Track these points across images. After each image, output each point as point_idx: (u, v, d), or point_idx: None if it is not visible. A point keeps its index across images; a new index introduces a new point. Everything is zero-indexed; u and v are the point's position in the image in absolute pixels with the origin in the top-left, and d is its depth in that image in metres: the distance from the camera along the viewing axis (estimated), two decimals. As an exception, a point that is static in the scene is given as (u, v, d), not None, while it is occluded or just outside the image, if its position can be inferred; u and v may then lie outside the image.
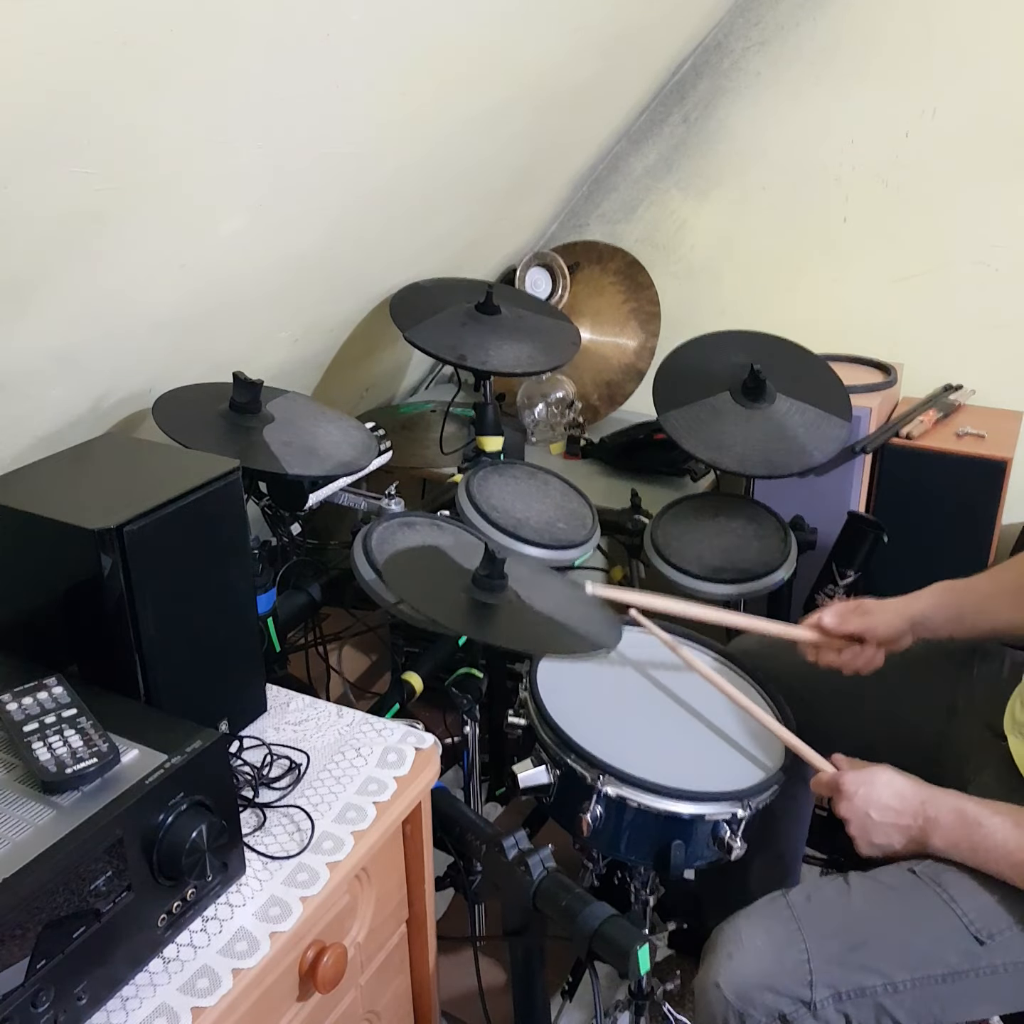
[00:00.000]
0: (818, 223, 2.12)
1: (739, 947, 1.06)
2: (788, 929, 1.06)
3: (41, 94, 0.86)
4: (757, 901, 1.12)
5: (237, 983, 0.81)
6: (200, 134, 1.07)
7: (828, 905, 1.09)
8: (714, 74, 2.11)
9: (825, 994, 1.03)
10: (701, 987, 1.07)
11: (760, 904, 1.11)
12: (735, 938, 1.07)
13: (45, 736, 0.83)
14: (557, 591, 1.30)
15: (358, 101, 1.25)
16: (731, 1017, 1.04)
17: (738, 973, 1.05)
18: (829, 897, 1.10)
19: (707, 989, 1.06)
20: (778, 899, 1.10)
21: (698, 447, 1.58)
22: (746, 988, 1.04)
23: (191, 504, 0.97)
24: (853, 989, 1.03)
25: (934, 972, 1.03)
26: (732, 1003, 1.04)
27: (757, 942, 1.06)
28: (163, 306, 1.28)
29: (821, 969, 1.03)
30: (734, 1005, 1.04)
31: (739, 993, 1.04)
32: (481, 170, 1.74)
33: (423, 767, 1.06)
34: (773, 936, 1.06)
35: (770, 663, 1.38)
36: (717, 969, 1.06)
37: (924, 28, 1.91)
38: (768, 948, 1.05)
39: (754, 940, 1.06)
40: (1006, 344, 2.02)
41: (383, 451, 1.54)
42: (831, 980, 1.03)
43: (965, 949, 1.03)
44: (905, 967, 1.03)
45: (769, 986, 1.03)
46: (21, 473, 1.02)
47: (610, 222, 2.32)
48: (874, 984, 1.03)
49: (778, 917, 1.08)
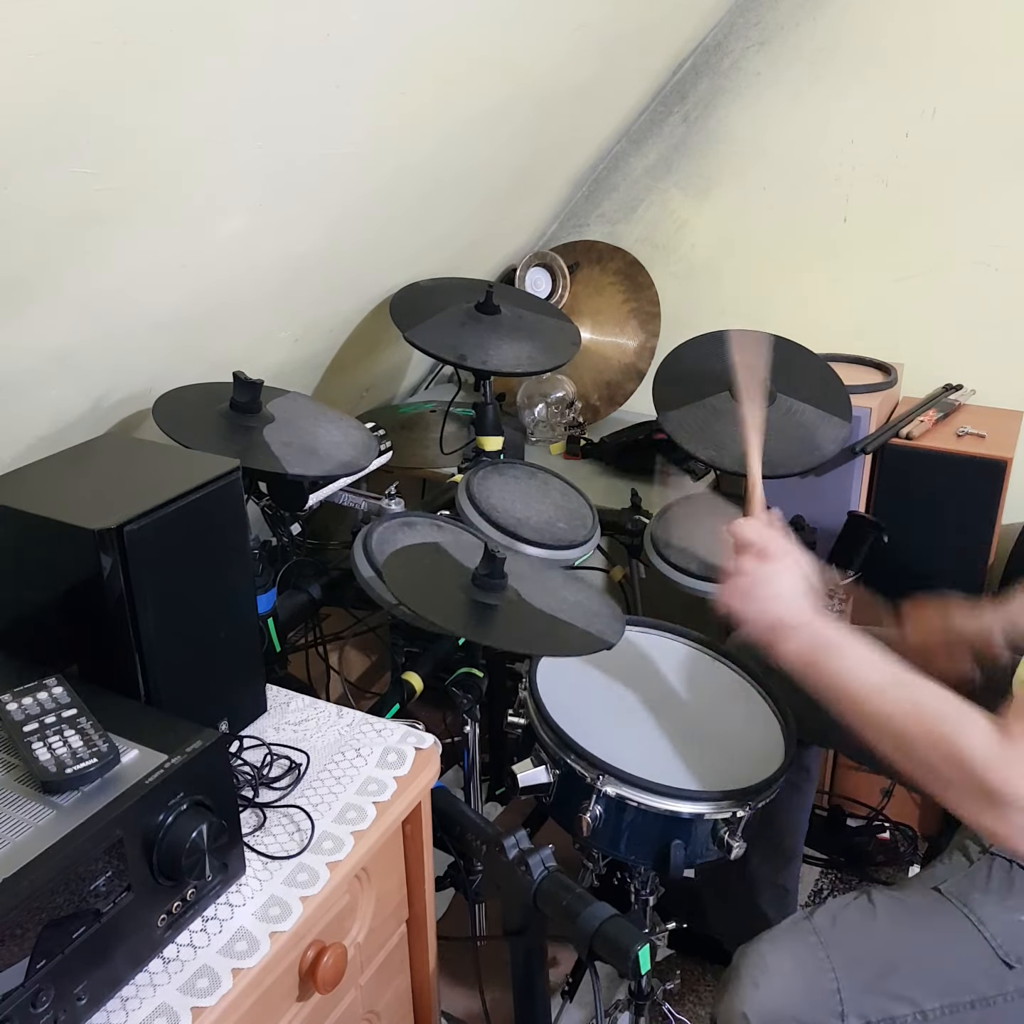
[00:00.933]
0: (818, 223, 2.12)
1: (765, 974, 1.04)
2: (816, 956, 1.04)
3: (41, 94, 0.86)
4: (780, 924, 1.10)
5: (237, 983, 0.81)
6: (200, 134, 1.07)
7: (855, 929, 1.07)
8: (714, 74, 2.11)
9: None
10: (726, 1016, 1.05)
11: (784, 927, 1.09)
12: (760, 964, 1.05)
13: (45, 736, 0.83)
14: (558, 587, 1.30)
15: (358, 101, 1.25)
16: None
17: (766, 1003, 1.02)
18: (855, 920, 1.08)
19: (734, 1018, 1.04)
20: (802, 923, 1.08)
21: (698, 446, 1.58)
22: (775, 1018, 1.02)
23: (191, 504, 0.97)
24: (884, 1018, 1.01)
25: (964, 999, 1.02)
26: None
27: (784, 969, 1.04)
28: (163, 306, 1.28)
29: (852, 999, 1.01)
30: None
31: (767, 1023, 1.02)
32: (481, 170, 1.74)
33: (423, 767, 1.06)
34: (800, 963, 1.04)
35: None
36: (743, 998, 1.03)
37: (924, 28, 1.91)
38: (796, 977, 1.03)
39: (781, 967, 1.04)
40: (1006, 344, 2.02)
41: (383, 451, 1.54)
42: (862, 1011, 1.01)
43: (994, 974, 1.02)
44: (935, 994, 1.02)
45: (798, 1017, 1.01)
46: (21, 473, 1.02)
47: (610, 222, 2.32)
48: (904, 1014, 1.02)
49: (804, 943, 1.06)
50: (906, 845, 1.94)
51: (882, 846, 1.94)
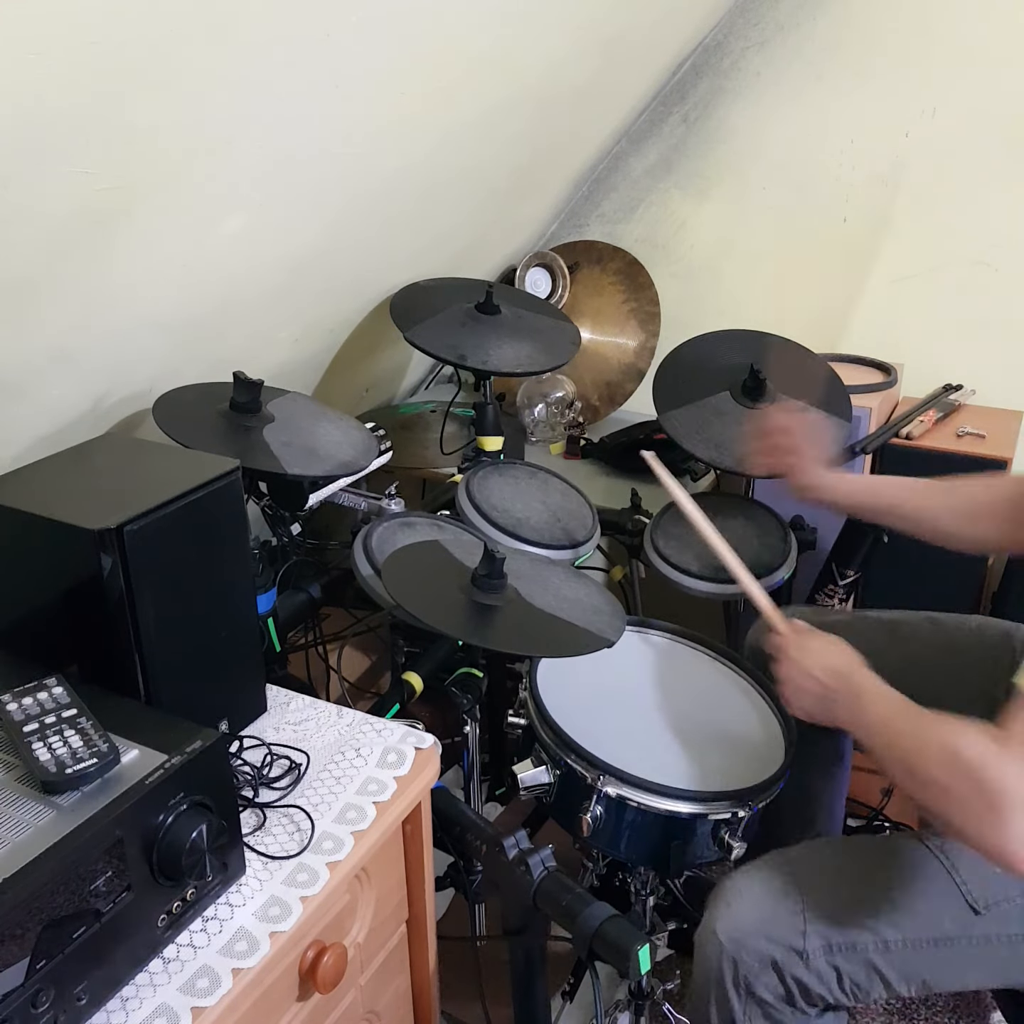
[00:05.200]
0: (818, 223, 2.12)
1: (737, 897, 1.09)
2: (786, 882, 1.08)
3: (40, 94, 0.85)
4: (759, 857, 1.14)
5: (237, 983, 0.81)
6: (200, 134, 1.07)
7: (828, 863, 1.11)
8: (714, 74, 2.11)
9: (817, 944, 1.05)
10: (699, 937, 1.10)
11: (763, 859, 1.13)
12: (734, 889, 1.10)
13: (45, 736, 0.83)
14: (557, 584, 1.30)
15: (358, 101, 1.25)
16: (724, 962, 1.06)
17: (734, 920, 1.07)
18: (830, 856, 1.13)
19: (704, 937, 1.09)
20: (780, 854, 1.12)
21: (698, 447, 1.58)
22: (741, 934, 1.06)
23: (191, 504, 0.97)
24: (845, 943, 1.05)
25: (927, 935, 1.04)
26: (726, 948, 1.06)
27: (755, 891, 1.09)
28: (163, 306, 1.28)
29: (815, 920, 1.05)
30: (728, 949, 1.06)
31: (733, 938, 1.06)
32: (481, 170, 1.74)
33: (423, 767, 1.06)
34: (770, 888, 1.08)
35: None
36: (715, 917, 1.08)
37: (924, 28, 1.91)
38: (765, 898, 1.08)
39: (752, 890, 1.09)
40: (1006, 344, 2.02)
41: (383, 451, 1.54)
42: (824, 932, 1.05)
43: (960, 917, 1.04)
44: (898, 927, 1.05)
45: (763, 933, 1.06)
46: (21, 473, 1.02)
47: (610, 222, 2.33)
48: (866, 941, 1.05)
49: (778, 871, 1.10)
50: (906, 845, 1.93)
51: (882, 846, 1.94)
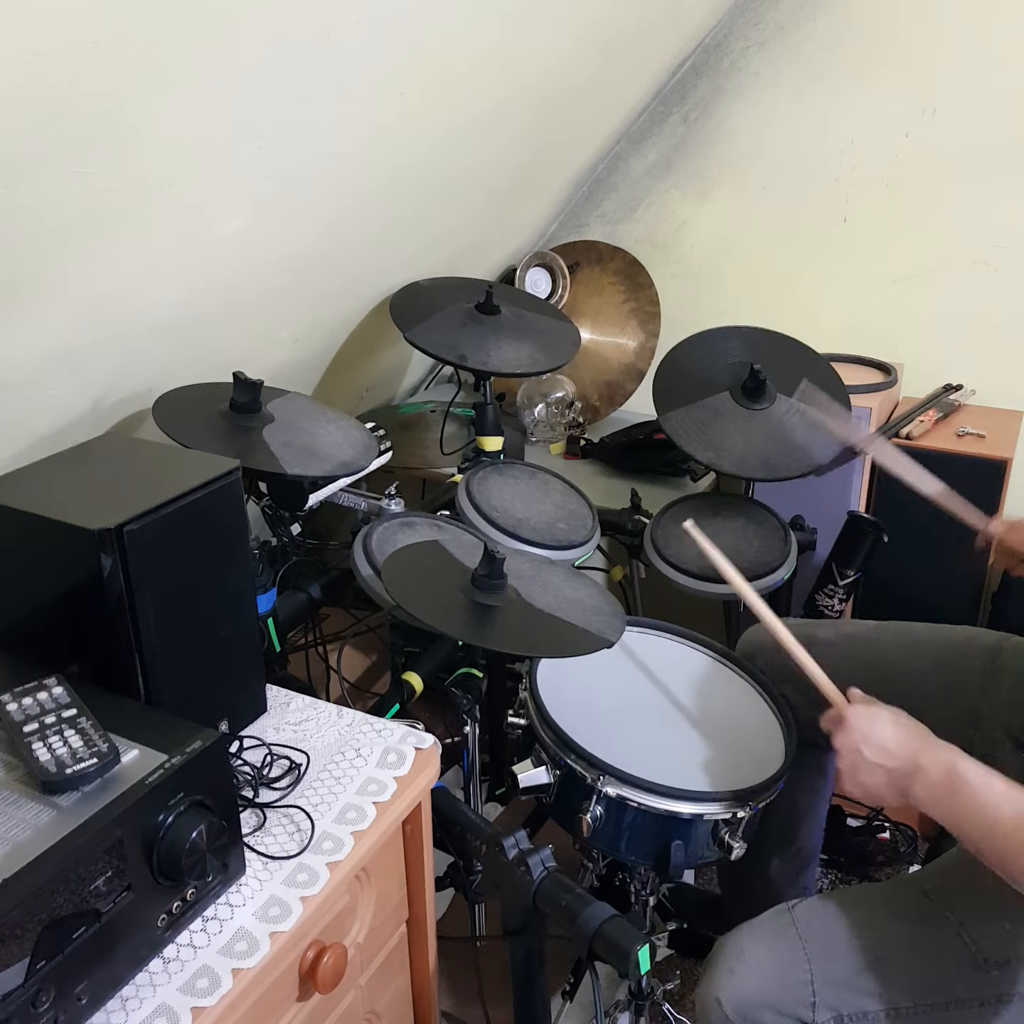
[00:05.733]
0: (818, 223, 2.12)
1: (741, 962, 1.04)
2: (793, 947, 1.04)
3: (40, 95, 0.85)
4: (762, 914, 1.10)
5: (237, 983, 0.81)
6: (200, 134, 1.07)
7: (834, 923, 1.06)
8: (714, 74, 2.11)
9: (827, 1016, 1.02)
10: (702, 1001, 1.06)
11: (764, 918, 1.09)
12: (737, 953, 1.05)
13: (45, 736, 0.83)
14: (557, 585, 1.30)
15: (358, 101, 1.25)
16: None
17: (739, 990, 1.03)
18: (836, 915, 1.07)
19: (708, 1003, 1.04)
20: (783, 914, 1.08)
21: (698, 448, 1.58)
22: (747, 1006, 1.02)
23: (191, 504, 0.97)
24: (856, 1013, 1.02)
25: (938, 1000, 1.01)
26: (732, 1020, 1.03)
27: (760, 958, 1.04)
28: (163, 306, 1.28)
29: (824, 991, 1.01)
30: (733, 1022, 1.03)
31: (740, 1010, 1.03)
32: (481, 170, 1.73)
33: (423, 767, 1.06)
34: (777, 954, 1.04)
35: (783, 658, 1.36)
36: (719, 984, 1.04)
37: (924, 28, 1.91)
38: (771, 966, 1.04)
39: (757, 956, 1.04)
40: (1006, 344, 2.02)
41: (383, 451, 1.54)
42: (834, 1003, 1.01)
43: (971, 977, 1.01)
44: (909, 993, 1.01)
45: (771, 1005, 1.02)
46: (21, 473, 1.02)
47: (610, 222, 2.32)
48: (877, 1009, 1.01)
49: (783, 935, 1.06)
50: (906, 845, 1.94)
51: (882, 846, 1.93)
